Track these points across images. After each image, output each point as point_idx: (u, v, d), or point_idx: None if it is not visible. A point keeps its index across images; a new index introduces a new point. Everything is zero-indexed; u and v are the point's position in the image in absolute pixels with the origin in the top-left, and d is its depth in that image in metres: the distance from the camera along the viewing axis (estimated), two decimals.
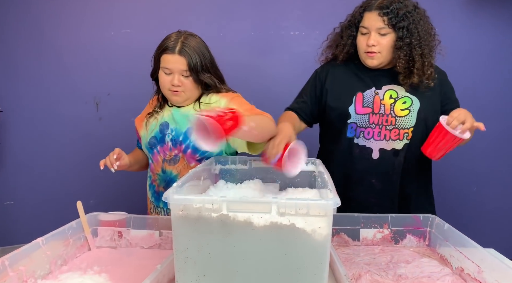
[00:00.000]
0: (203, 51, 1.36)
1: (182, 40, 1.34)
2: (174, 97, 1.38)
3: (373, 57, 1.38)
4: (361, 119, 1.41)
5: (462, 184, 2.48)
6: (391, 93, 1.42)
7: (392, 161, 1.42)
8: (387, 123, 1.40)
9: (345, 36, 1.45)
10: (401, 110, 1.40)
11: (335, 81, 1.48)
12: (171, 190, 0.85)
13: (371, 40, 1.36)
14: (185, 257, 0.81)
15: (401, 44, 1.34)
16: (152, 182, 1.47)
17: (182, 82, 1.34)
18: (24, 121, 2.46)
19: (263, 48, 2.47)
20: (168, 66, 1.33)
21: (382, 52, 1.37)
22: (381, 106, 1.40)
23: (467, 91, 2.40)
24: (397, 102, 1.41)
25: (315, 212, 0.77)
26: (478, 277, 0.97)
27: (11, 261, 0.92)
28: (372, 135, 1.41)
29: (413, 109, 1.40)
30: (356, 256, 1.16)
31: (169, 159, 1.40)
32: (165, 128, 1.42)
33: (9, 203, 2.51)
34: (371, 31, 1.36)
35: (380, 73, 1.44)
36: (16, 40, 2.42)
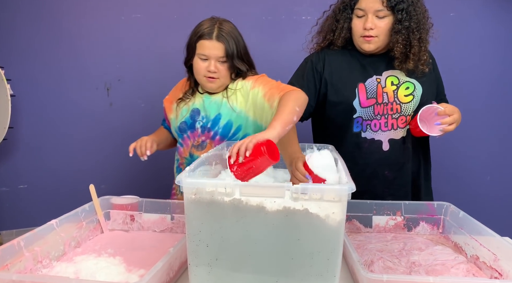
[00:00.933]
0: (238, 37, 1.36)
1: (218, 26, 1.33)
2: (209, 84, 1.37)
3: (370, 42, 1.31)
4: (367, 112, 1.35)
5: (476, 174, 2.44)
6: (392, 79, 1.36)
7: (402, 149, 1.38)
8: (392, 111, 1.35)
9: (342, 19, 1.35)
10: (404, 96, 1.35)
11: (333, 72, 1.39)
12: (184, 173, 0.85)
13: (368, 23, 1.28)
14: (197, 240, 0.81)
15: (400, 28, 1.27)
16: (179, 165, 1.49)
17: (218, 69, 1.34)
18: (36, 105, 2.48)
19: (274, 33, 2.44)
20: (205, 52, 1.32)
21: (380, 36, 1.30)
22: (384, 95, 1.34)
23: (481, 78, 2.36)
24: (400, 88, 1.35)
25: (329, 197, 0.76)
26: (494, 265, 0.95)
27: (27, 242, 0.93)
28: (379, 127, 1.36)
29: (416, 94, 1.35)
30: (368, 243, 1.15)
31: (196, 145, 1.42)
32: (196, 115, 1.43)
33: (23, 186, 2.55)
34: (368, 13, 1.28)
35: (377, 59, 1.38)
36: (28, 26, 2.43)
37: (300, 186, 0.76)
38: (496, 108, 2.39)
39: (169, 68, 2.40)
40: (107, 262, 0.97)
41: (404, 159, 1.39)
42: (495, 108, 2.39)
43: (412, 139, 1.39)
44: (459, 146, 2.40)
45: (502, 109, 2.40)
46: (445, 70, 2.29)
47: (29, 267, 0.92)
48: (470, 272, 0.98)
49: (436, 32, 1.37)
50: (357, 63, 1.38)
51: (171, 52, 2.36)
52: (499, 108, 2.39)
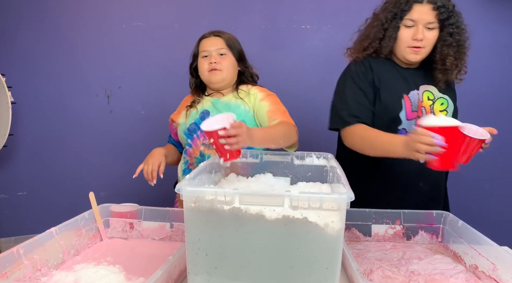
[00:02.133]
0: (236, 40, 1.51)
1: (216, 30, 1.50)
2: (213, 76, 1.44)
3: (417, 53, 1.30)
4: (410, 125, 1.34)
5: (475, 182, 2.45)
6: (428, 94, 1.37)
7: None
8: None
9: (390, 28, 1.32)
10: (440, 111, 1.37)
11: (381, 82, 1.36)
12: (184, 182, 0.85)
13: (419, 34, 1.27)
14: (197, 248, 0.81)
15: (451, 41, 1.28)
16: (188, 166, 1.50)
17: (219, 61, 1.43)
18: (36, 113, 2.49)
19: (274, 41, 2.46)
20: (205, 48, 1.45)
21: (426, 47, 1.30)
22: (422, 109, 1.35)
23: (483, 88, 2.38)
24: (436, 104, 1.36)
25: (329, 206, 0.76)
26: (492, 275, 0.95)
27: (26, 250, 0.93)
28: None
29: (449, 110, 1.37)
30: (367, 252, 1.15)
31: (208, 144, 1.44)
32: (206, 115, 1.47)
33: (22, 193, 2.55)
34: (419, 24, 1.27)
35: (415, 72, 1.38)
36: (29, 33, 2.45)
37: (299, 194, 0.76)
38: (495, 116, 2.40)
39: (169, 76, 2.43)
40: (107, 270, 0.97)
41: (438, 172, 1.37)
42: (493, 116, 2.40)
43: None
44: None
45: (501, 117, 2.41)
46: None
47: (28, 275, 0.92)
48: (469, 281, 0.98)
49: None
50: (399, 74, 1.38)
51: (171, 60, 2.38)
52: (498, 116, 2.40)
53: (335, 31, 2.44)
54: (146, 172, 1.36)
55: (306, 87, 2.45)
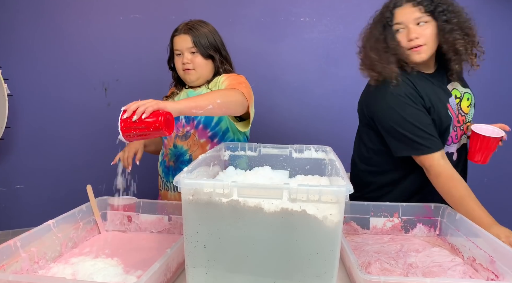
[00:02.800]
0: (210, 30, 1.46)
1: (188, 23, 1.45)
2: (187, 76, 1.45)
3: (420, 51, 1.25)
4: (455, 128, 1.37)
5: (472, 175, 2.45)
6: (456, 93, 1.36)
7: (463, 156, 1.41)
8: (459, 123, 1.36)
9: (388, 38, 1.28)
10: (466, 107, 1.38)
11: (425, 97, 1.29)
12: (182, 174, 0.84)
13: (412, 33, 1.23)
14: (195, 241, 0.81)
15: (451, 27, 1.23)
16: (163, 157, 1.54)
17: (191, 60, 1.43)
18: (33, 105, 2.48)
19: (272, 34, 2.44)
20: (177, 47, 1.44)
21: (428, 43, 1.25)
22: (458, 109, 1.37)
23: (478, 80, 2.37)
24: (463, 101, 1.37)
25: (327, 198, 0.76)
26: (490, 267, 0.95)
27: (23, 243, 0.93)
28: (451, 141, 1.36)
29: (472, 103, 1.39)
30: (365, 244, 1.16)
31: (181, 135, 1.48)
32: None
33: (19, 186, 2.54)
34: (408, 24, 1.25)
35: (439, 75, 1.36)
36: (25, 25, 2.42)
37: (297, 186, 0.76)
38: (492, 110, 2.40)
39: (167, 68, 2.40)
40: (105, 263, 0.97)
41: (465, 166, 1.44)
42: (491, 110, 2.40)
43: None
44: None
45: (498, 111, 2.40)
46: None
47: (26, 268, 0.92)
48: (466, 274, 0.98)
49: None
50: (430, 83, 1.32)
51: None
52: (495, 110, 2.40)
53: (334, 23, 2.43)
54: (122, 158, 1.43)
55: (304, 80, 2.44)
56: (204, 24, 1.47)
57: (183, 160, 1.47)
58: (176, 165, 1.48)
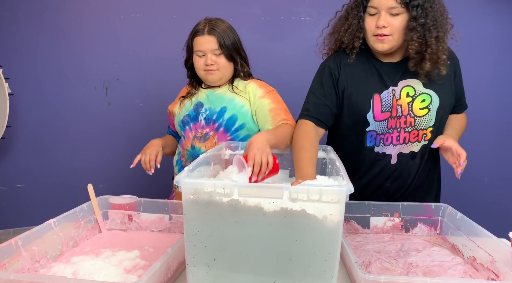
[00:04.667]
0: (231, 31, 1.44)
1: (209, 22, 1.42)
2: (210, 77, 1.43)
3: (383, 41, 1.22)
4: (380, 126, 1.29)
5: (473, 175, 2.45)
6: (408, 90, 1.28)
7: (409, 164, 1.33)
8: (406, 125, 1.28)
9: (351, 17, 1.27)
10: (420, 109, 1.27)
11: (349, 80, 1.31)
12: (182, 173, 0.84)
13: (381, 21, 1.20)
14: (195, 240, 0.81)
15: (415, 25, 1.20)
16: (180, 157, 1.51)
17: (215, 61, 1.41)
18: (34, 104, 2.48)
19: (273, 33, 2.44)
20: (200, 48, 1.41)
21: (394, 34, 1.21)
22: (398, 108, 1.28)
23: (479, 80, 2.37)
24: (416, 101, 1.28)
25: (328, 198, 0.76)
26: (490, 266, 0.95)
27: (24, 241, 0.93)
28: (391, 141, 1.30)
29: (432, 107, 1.28)
30: (365, 244, 1.16)
31: (200, 136, 1.45)
32: (199, 108, 1.47)
33: (20, 185, 2.55)
34: (381, 11, 1.20)
35: (395, 67, 1.30)
36: (26, 25, 2.42)
37: (298, 186, 0.76)
38: (494, 109, 2.40)
39: (168, 67, 2.41)
40: (105, 263, 0.97)
41: (409, 174, 1.35)
42: (492, 109, 2.40)
43: (426, 157, 1.35)
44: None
45: (499, 111, 2.41)
46: None
47: (27, 267, 0.92)
48: (467, 273, 0.98)
49: (456, 34, 1.29)
50: (374, 71, 1.31)
51: (170, 52, 2.36)
52: (497, 110, 2.40)
53: None
54: (143, 161, 1.38)
55: (305, 80, 2.42)
56: (224, 24, 1.44)
57: None
58: None
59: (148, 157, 1.37)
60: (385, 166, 1.32)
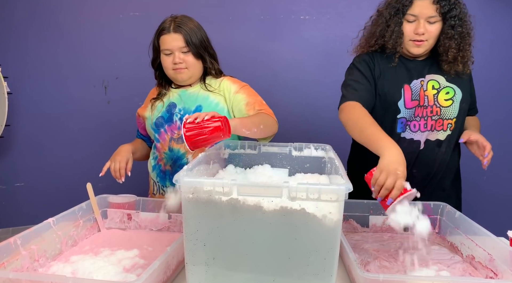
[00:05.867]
0: (197, 27, 1.41)
1: (175, 20, 1.39)
2: (179, 76, 1.40)
3: (420, 46, 1.33)
4: (409, 113, 1.37)
5: (472, 173, 2.45)
6: (433, 83, 1.38)
7: (435, 151, 1.39)
8: (432, 113, 1.37)
9: (393, 24, 1.35)
10: (445, 100, 1.37)
11: (382, 72, 1.40)
12: (182, 172, 0.84)
13: (421, 29, 1.30)
14: (195, 239, 0.81)
15: (453, 33, 1.30)
16: (158, 162, 1.48)
17: (183, 59, 1.38)
18: (33, 103, 2.48)
19: (272, 32, 2.44)
20: (167, 46, 1.37)
21: (429, 40, 1.32)
22: (425, 98, 1.37)
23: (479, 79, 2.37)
24: (440, 93, 1.38)
25: (327, 197, 0.76)
26: (489, 265, 0.96)
27: (23, 240, 0.93)
28: (418, 128, 1.38)
29: (456, 99, 1.38)
30: (364, 243, 1.16)
31: (177, 138, 1.42)
32: (173, 108, 1.44)
33: (20, 184, 2.55)
34: (420, 19, 1.30)
35: (421, 63, 1.40)
36: (25, 23, 2.42)
37: (297, 185, 0.76)
38: (492, 108, 2.40)
39: None
40: (104, 262, 0.97)
41: (435, 162, 1.40)
42: (491, 108, 2.40)
43: (451, 148, 1.41)
44: None
45: (498, 109, 2.41)
46: None
47: (26, 266, 0.92)
48: (466, 271, 0.99)
49: None
50: (402, 65, 1.40)
51: None
52: (495, 108, 2.40)
53: (334, 22, 2.42)
54: (113, 169, 1.33)
55: (304, 79, 2.44)
56: (190, 21, 1.40)
57: (181, 163, 1.41)
58: (174, 169, 1.42)
59: (118, 164, 1.33)
60: (413, 151, 1.38)
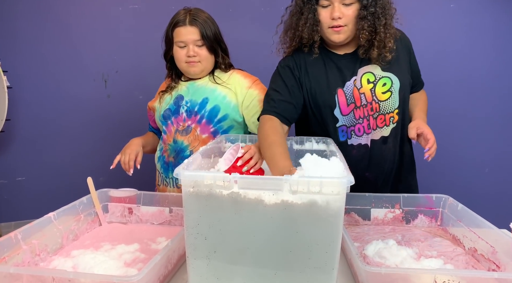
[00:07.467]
0: (211, 21, 1.41)
1: (190, 12, 1.39)
2: (192, 69, 1.40)
3: (339, 32, 1.23)
4: (349, 119, 1.29)
5: (474, 166, 2.45)
6: (368, 76, 1.29)
7: (382, 149, 1.32)
8: (372, 111, 1.29)
9: (306, 11, 1.25)
10: (382, 94, 1.28)
11: (311, 79, 1.31)
12: (182, 166, 0.84)
13: (336, 12, 1.20)
14: (196, 233, 0.81)
15: (365, 14, 1.21)
16: (162, 153, 1.49)
17: (197, 53, 1.38)
18: (33, 97, 2.47)
19: (273, 24, 2.41)
20: (182, 39, 1.37)
21: (348, 24, 1.23)
22: (362, 96, 1.28)
23: (480, 70, 2.35)
24: (377, 86, 1.28)
25: (328, 190, 0.75)
26: (492, 257, 0.95)
27: (24, 235, 0.93)
28: (363, 131, 1.30)
29: (394, 90, 1.28)
30: (366, 235, 1.15)
31: (181, 130, 1.43)
32: (180, 100, 1.44)
33: (21, 178, 2.55)
34: (334, 2, 1.21)
35: (351, 56, 1.31)
36: (24, 17, 2.40)
37: (298, 178, 0.75)
38: (495, 99, 2.39)
39: None
40: (105, 256, 0.97)
41: (385, 160, 1.33)
42: (493, 99, 2.39)
43: (399, 140, 1.34)
44: (457, 138, 2.40)
45: (500, 101, 2.39)
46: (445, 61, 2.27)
47: (27, 260, 0.92)
48: (469, 264, 0.98)
49: (400, 17, 1.31)
50: (333, 66, 1.31)
51: None
52: (498, 100, 2.39)
53: None
54: (123, 162, 1.37)
55: None
56: (204, 14, 1.40)
57: (184, 155, 1.42)
58: (176, 161, 1.43)
59: (127, 157, 1.36)
60: (363, 156, 1.32)
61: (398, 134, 1.33)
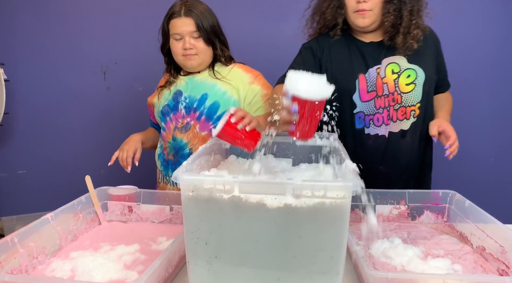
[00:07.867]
0: (209, 12, 1.36)
1: (186, 3, 1.34)
2: (189, 62, 1.36)
3: (364, 16, 1.23)
4: (368, 107, 1.28)
5: (479, 155, 2.41)
6: (393, 67, 1.28)
7: (399, 143, 1.30)
8: (394, 102, 1.27)
9: None
10: (406, 85, 1.27)
11: (333, 62, 1.31)
12: (181, 169, 0.81)
13: None
14: (196, 238, 0.78)
15: None
16: (162, 151, 1.46)
17: (194, 45, 1.34)
18: (31, 90, 2.43)
19: (274, 14, 2.35)
20: (177, 30, 1.33)
21: (374, 9, 1.22)
22: (384, 86, 1.27)
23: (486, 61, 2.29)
24: (401, 77, 1.27)
25: (333, 194, 0.72)
26: (501, 257, 0.92)
27: (21, 238, 0.91)
28: (382, 121, 1.28)
29: (418, 82, 1.28)
30: (370, 232, 1.13)
31: (180, 127, 1.40)
32: (178, 96, 1.41)
33: (22, 172, 2.53)
34: None
35: (377, 45, 1.30)
36: (21, 9, 2.35)
37: (302, 182, 0.72)
38: (500, 91, 2.33)
39: None
40: (104, 258, 0.95)
41: (401, 155, 1.31)
42: (498, 91, 2.33)
43: (418, 136, 1.32)
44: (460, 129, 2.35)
45: (506, 92, 2.34)
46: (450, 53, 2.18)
47: (25, 264, 0.90)
48: (477, 263, 0.95)
49: (431, 12, 1.29)
50: (357, 52, 1.30)
51: None
52: (503, 91, 2.33)
53: None
54: (121, 159, 1.33)
55: None
56: (201, 5, 1.36)
57: (183, 153, 1.39)
58: (176, 159, 1.41)
59: (125, 153, 1.32)
60: (379, 148, 1.30)
61: (418, 129, 1.31)
